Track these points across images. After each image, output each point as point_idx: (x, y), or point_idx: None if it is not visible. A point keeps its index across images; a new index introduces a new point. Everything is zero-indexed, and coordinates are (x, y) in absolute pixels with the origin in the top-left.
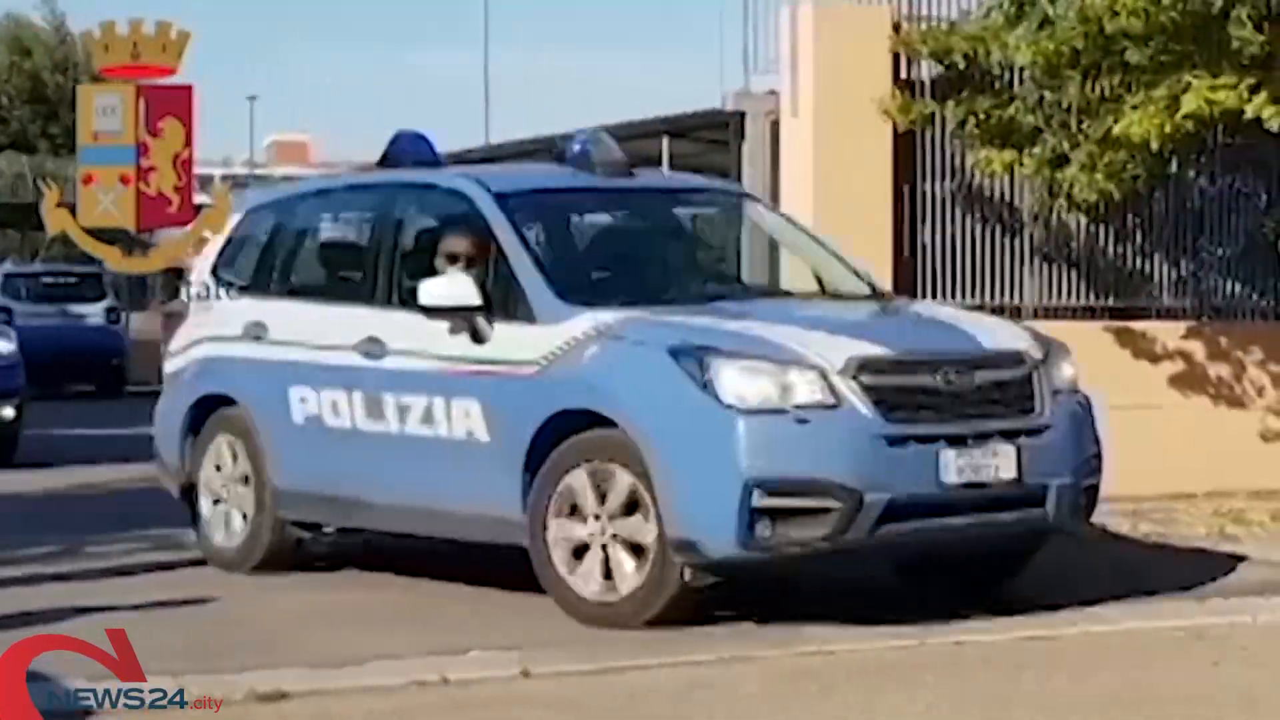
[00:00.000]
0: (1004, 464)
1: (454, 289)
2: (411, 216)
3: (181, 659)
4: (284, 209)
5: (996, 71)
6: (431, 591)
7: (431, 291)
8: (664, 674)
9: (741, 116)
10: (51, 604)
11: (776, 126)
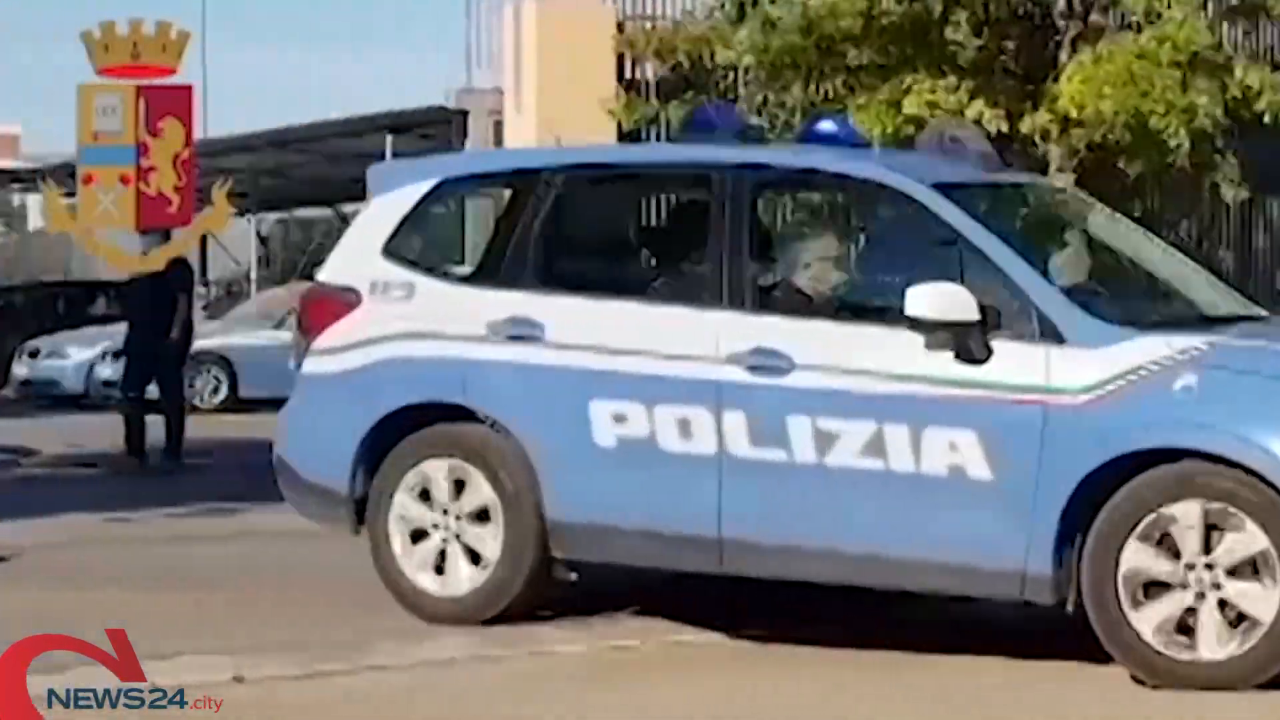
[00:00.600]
0: None
1: (951, 299)
2: (800, 208)
3: None
4: (529, 183)
5: (720, 73)
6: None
7: (923, 302)
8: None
9: (465, 114)
10: None
11: (500, 124)
